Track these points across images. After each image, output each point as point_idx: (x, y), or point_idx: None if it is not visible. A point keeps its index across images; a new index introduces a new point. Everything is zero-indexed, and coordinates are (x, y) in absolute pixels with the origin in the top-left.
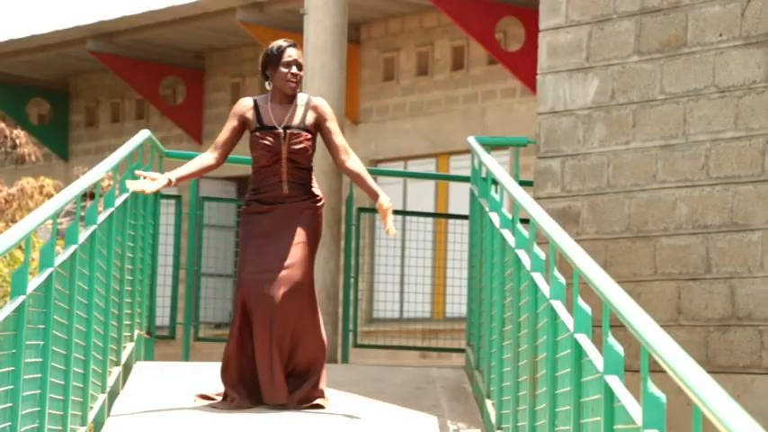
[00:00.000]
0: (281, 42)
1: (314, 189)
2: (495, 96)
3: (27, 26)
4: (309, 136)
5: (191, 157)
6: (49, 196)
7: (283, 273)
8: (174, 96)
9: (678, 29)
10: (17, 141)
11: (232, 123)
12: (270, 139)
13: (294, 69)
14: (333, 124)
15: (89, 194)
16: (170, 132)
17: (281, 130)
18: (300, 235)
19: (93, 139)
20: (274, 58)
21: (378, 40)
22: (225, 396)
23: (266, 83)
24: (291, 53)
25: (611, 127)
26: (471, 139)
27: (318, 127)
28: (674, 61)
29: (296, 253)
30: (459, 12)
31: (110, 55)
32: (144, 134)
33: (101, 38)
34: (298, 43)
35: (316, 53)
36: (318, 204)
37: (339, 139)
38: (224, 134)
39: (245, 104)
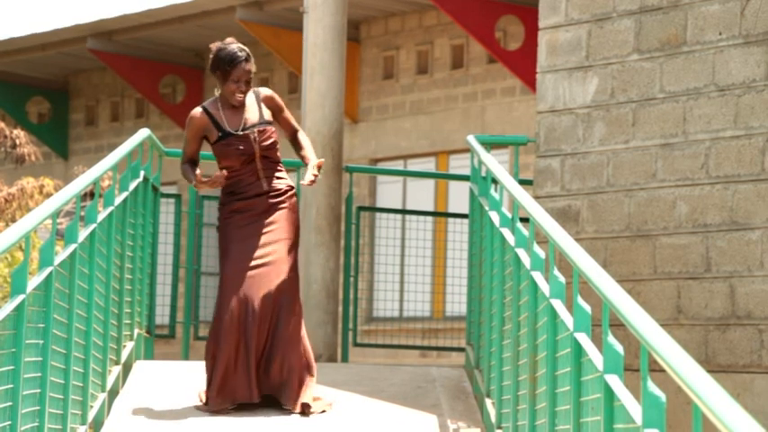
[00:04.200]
0: (234, 53)
1: (287, 180)
2: (495, 95)
3: (27, 25)
4: (273, 129)
5: None
6: (49, 196)
7: (270, 271)
8: (173, 95)
9: (678, 27)
10: (17, 141)
11: (196, 139)
12: (240, 143)
13: (243, 86)
14: (287, 112)
15: (89, 193)
16: (170, 131)
17: (248, 132)
18: (283, 230)
19: (92, 138)
20: (228, 70)
21: (377, 39)
22: (208, 399)
23: (216, 89)
24: (241, 69)
25: (611, 126)
26: (471, 138)
27: (274, 117)
28: (674, 60)
29: (281, 249)
30: (459, 10)
31: (109, 54)
32: (143, 133)
33: (100, 36)
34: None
35: (315, 51)
36: (293, 194)
37: (293, 122)
38: (193, 147)
39: (200, 118)
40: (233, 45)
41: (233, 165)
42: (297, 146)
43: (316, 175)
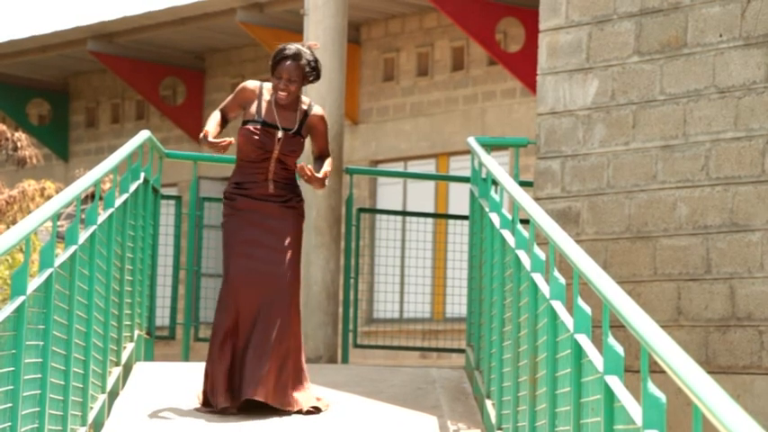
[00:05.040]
0: (281, 50)
1: (297, 187)
2: (495, 97)
3: (27, 27)
4: (302, 141)
5: (191, 158)
6: (50, 199)
7: (272, 274)
8: (174, 97)
9: (678, 29)
10: (18, 144)
11: (236, 106)
12: (265, 136)
13: (284, 84)
14: (324, 139)
15: (89, 195)
16: (170, 133)
17: (277, 131)
18: (288, 236)
19: (93, 140)
20: (273, 65)
21: (378, 41)
22: (206, 401)
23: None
24: (285, 67)
25: (611, 127)
26: (471, 140)
27: (311, 135)
28: (674, 62)
29: (284, 255)
30: (460, 12)
31: (110, 55)
32: (144, 135)
33: (101, 38)
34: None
35: (316, 53)
36: (302, 204)
37: (326, 147)
38: (229, 108)
39: (251, 92)
40: (291, 45)
41: (249, 155)
42: (318, 163)
43: (323, 177)
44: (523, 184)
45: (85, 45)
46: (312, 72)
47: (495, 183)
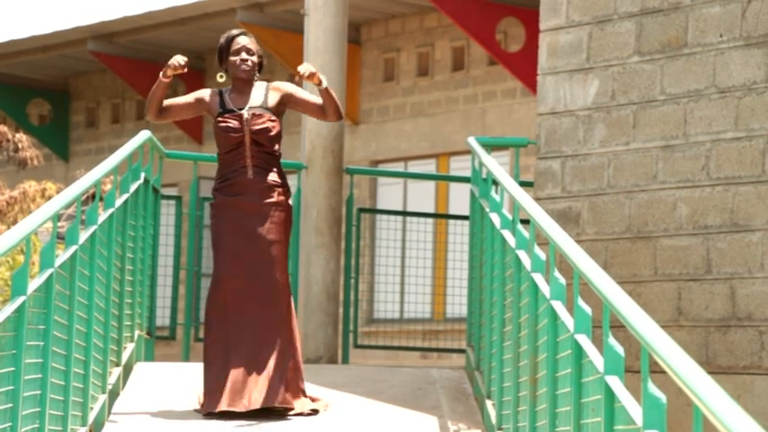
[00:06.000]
0: (229, 32)
1: (282, 178)
2: (496, 97)
3: (27, 27)
4: (272, 117)
5: (191, 158)
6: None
7: (259, 283)
8: (173, 97)
9: (678, 29)
10: (19, 145)
11: (189, 98)
12: (232, 120)
13: (244, 55)
14: (301, 93)
15: (90, 196)
16: (170, 133)
17: (243, 112)
18: (273, 233)
19: (93, 140)
20: (225, 50)
21: (378, 41)
22: (204, 402)
23: (218, 75)
24: (240, 41)
25: (612, 128)
26: (472, 140)
27: (289, 104)
28: (675, 62)
29: (271, 253)
30: (460, 12)
31: (110, 55)
32: (144, 135)
33: (101, 38)
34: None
35: (316, 54)
36: (288, 196)
37: (313, 97)
38: (179, 101)
39: (210, 91)
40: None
41: (224, 143)
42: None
43: (313, 74)
44: (524, 184)
45: (86, 45)
46: (260, 57)
47: (495, 183)
